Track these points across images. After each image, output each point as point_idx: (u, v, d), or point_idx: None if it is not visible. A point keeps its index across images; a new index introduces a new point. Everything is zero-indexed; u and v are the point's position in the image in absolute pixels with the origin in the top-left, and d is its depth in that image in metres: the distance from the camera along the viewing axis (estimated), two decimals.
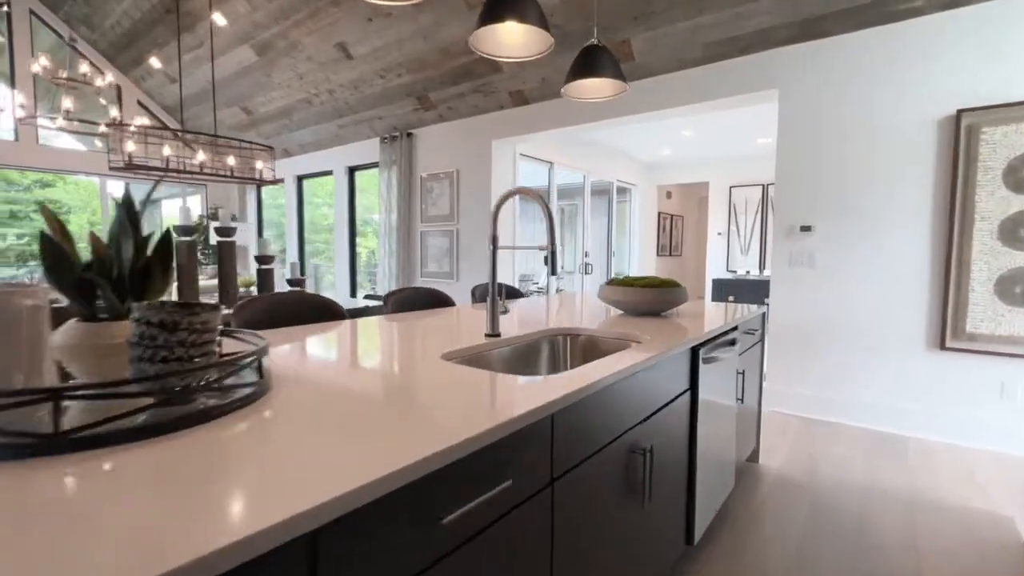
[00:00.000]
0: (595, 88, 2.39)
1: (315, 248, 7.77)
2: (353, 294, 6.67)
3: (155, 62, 6.47)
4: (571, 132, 5.34)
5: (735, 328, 1.97)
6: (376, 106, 5.42)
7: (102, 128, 4.45)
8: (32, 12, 6.33)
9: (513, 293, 2.90)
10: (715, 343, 1.74)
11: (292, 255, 7.42)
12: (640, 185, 7.96)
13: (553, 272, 1.38)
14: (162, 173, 3.16)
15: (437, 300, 2.41)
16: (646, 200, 8.20)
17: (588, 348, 1.69)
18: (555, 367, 1.67)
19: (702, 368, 1.60)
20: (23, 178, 9.38)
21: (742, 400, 2.08)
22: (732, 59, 3.48)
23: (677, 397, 1.49)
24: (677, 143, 6.76)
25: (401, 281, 5.67)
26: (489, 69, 4.36)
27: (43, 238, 0.83)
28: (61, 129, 5.08)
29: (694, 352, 1.58)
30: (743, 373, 2.07)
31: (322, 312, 1.94)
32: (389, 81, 4.96)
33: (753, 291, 6.95)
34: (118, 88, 7.11)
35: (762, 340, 2.42)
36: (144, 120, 7.29)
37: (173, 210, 8.65)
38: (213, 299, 4.05)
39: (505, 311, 1.54)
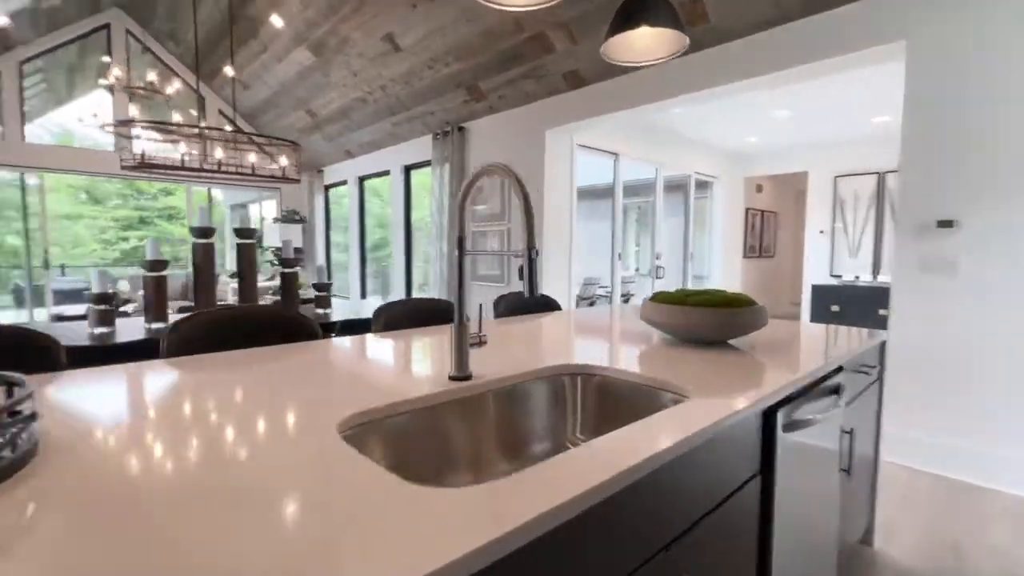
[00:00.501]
0: (645, 45, 1.84)
1: (387, 251, 7.72)
2: (410, 295, 6.49)
3: (228, 70, 6.71)
4: (639, 119, 4.71)
5: (839, 369, 1.35)
6: (427, 100, 5.14)
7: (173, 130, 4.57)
8: (128, 32, 6.79)
9: (548, 304, 2.41)
10: (805, 398, 1.15)
11: (354, 259, 7.42)
12: (723, 178, 7.05)
13: (531, 292, 0.90)
14: (173, 171, 3.05)
15: (437, 315, 1.98)
16: (731, 195, 7.27)
17: (603, 399, 1.17)
18: (553, 431, 1.17)
19: (781, 439, 1.03)
20: (150, 187, 10.35)
21: (849, 472, 1.44)
22: (842, 6, 2.72)
23: (738, 489, 0.94)
24: (768, 127, 5.84)
25: (452, 285, 5.35)
26: (540, 50, 3.88)
27: None
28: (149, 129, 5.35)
29: (767, 417, 1.01)
30: (851, 432, 1.43)
31: (291, 331, 1.59)
32: (438, 71, 4.64)
33: (864, 301, 5.84)
34: (201, 98, 7.50)
35: (880, 380, 1.74)
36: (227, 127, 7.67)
37: (268, 211, 9.02)
38: (267, 302, 3.98)
39: (481, 343, 1.07)
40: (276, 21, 5.16)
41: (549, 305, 2.43)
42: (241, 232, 2.70)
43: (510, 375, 1.10)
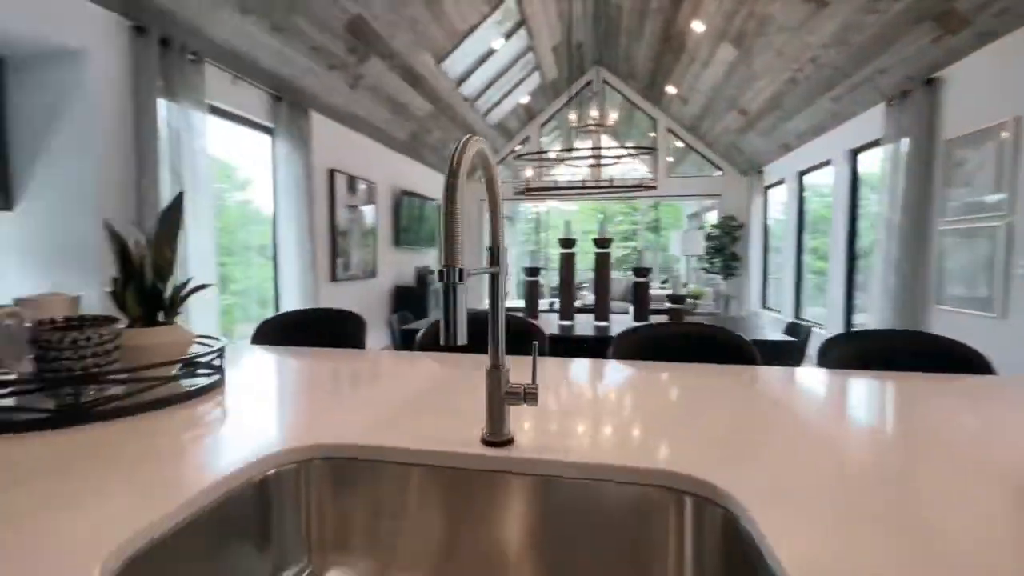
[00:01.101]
0: None
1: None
2: (850, 318, 5.05)
3: (670, 89, 7.14)
4: None
5: None
6: (874, 55, 3.83)
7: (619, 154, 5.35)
8: (605, 81, 8.31)
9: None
10: None
11: (787, 261, 6.44)
12: None
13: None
14: (552, 191, 3.46)
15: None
16: None
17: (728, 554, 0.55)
18: None
19: None
20: (638, 204, 12.64)
21: None
22: None
23: None
24: None
25: (908, 306, 3.79)
26: None
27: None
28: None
29: None
30: None
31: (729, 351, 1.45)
32: (885, 11, 3.38)
33: None
34: (653, 120, 8.33)
35: None
36: (678, 143, 8.25)
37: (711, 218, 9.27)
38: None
39: (528, 400, 0.73)
40: (697, 27, 5.10)
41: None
42: (563, 242, 2.85)
43: (562, 460, 0.69)
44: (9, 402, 0.87)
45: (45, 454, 0.69)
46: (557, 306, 3.32)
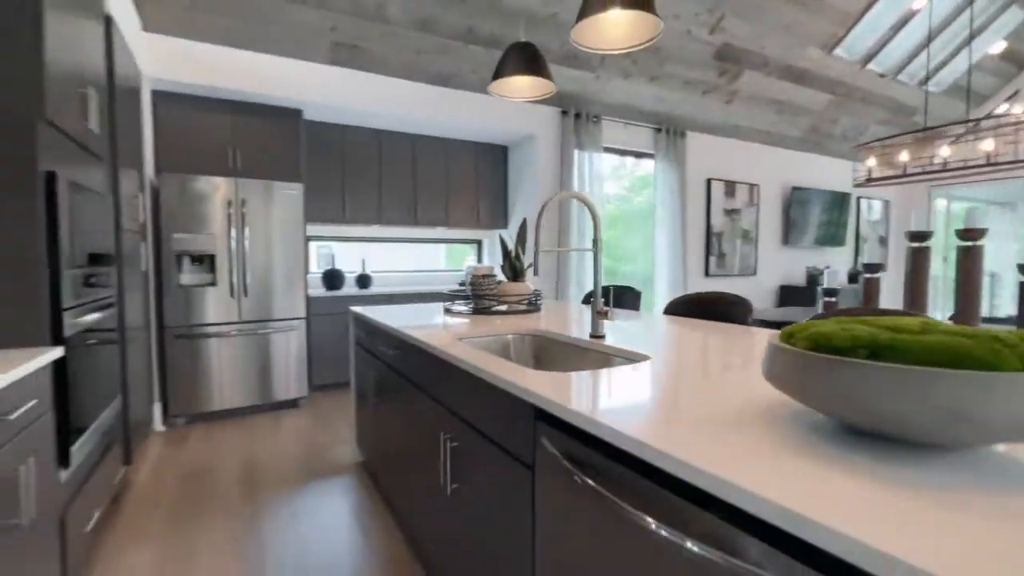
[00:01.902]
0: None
1: None
2: None
3: None
4: None
5: None
6: None
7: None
8: None
9: None
10: None
11: None
12: None
13: None
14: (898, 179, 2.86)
15: None
16: None
17: None
18: None
19: None
20: None
21: None
22: None
23: None
24: None
25: None
26: None
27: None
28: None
29: None
30: None
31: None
32: None
33: None
34: None
35: None
36: None
37: None
38: None
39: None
40: None
41: None
42: (912, 235, 2.49)
43: (613, 345, 1.40)
44: (465, 308, 2.26)
45: (493, 322, 1.96)
46: None
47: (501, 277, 3.89)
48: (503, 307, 2.15)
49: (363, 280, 4.21)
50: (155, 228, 3.07)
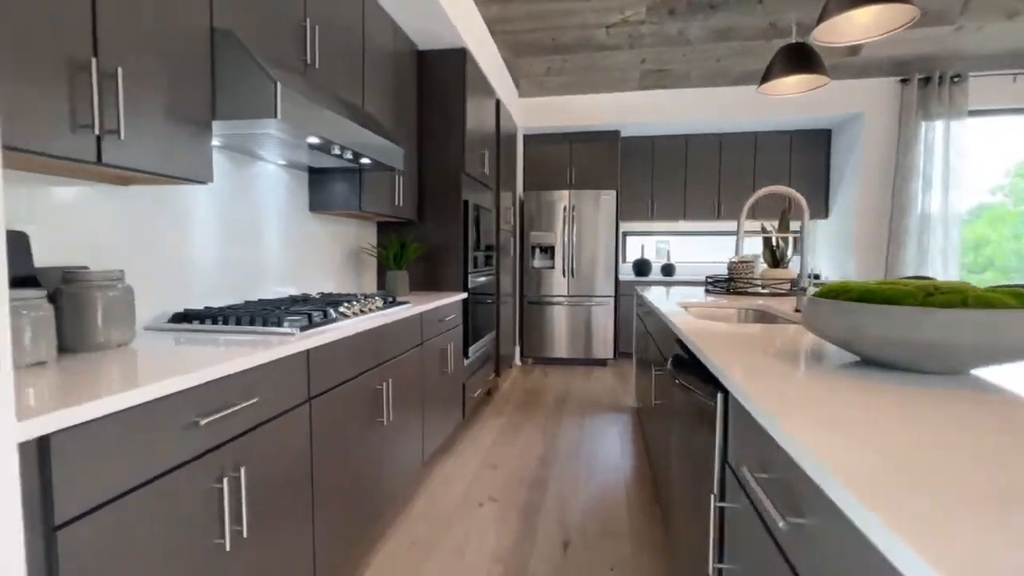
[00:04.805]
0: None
1: None
2: None
3: None
4: None
5: None
6: None
7: None
8: None
9: None
10: None
11: None
12: None
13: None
14: None
15: None
16: None
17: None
18: None
19: None
20: None
21: None
22: None
23: None
24: None
25: None
26: None
27: None
28: None
29: None
30: None
31: None
32: None
33: None
34: None
35: None
36: None
37: None
38: None
39: None
40: None
41: None
42: None
43: None
44: (720, 290, 2.61)
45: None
46: None
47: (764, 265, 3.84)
48: (764, 290, 2.42)
49: (667, 269, 4.80)
50: (520, 228, 4.52)
